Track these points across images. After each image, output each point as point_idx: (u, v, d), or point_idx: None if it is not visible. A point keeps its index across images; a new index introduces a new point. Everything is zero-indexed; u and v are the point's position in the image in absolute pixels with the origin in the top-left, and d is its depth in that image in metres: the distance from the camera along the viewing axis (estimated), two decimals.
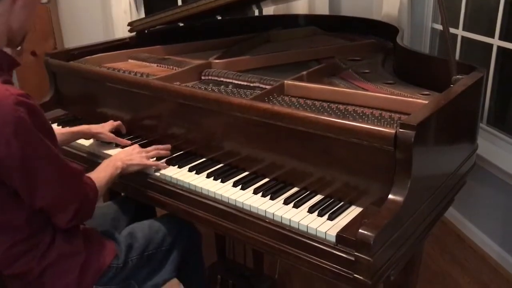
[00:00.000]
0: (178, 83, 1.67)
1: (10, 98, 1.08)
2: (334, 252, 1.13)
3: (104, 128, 1.68)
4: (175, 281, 1.55)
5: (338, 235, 1.14)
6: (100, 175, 1.38)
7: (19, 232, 1.23)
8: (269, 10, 3.09)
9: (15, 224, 1.22)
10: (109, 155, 1.59)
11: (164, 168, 1.51)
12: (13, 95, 1.08)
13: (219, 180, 1.42)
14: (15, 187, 1.17)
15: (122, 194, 2.00)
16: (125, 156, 1.49)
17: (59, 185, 1.20)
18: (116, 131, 1.72)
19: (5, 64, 1.21)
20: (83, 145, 1.72)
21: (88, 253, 1.32)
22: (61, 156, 1.21)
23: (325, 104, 1.51)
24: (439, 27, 2.76)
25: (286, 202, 1.29)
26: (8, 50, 1.23)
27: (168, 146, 1.59)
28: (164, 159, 1.55)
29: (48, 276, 1.27)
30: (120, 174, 1.45)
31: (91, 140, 1.72)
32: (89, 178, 1.32)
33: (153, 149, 1.55)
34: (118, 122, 1.73)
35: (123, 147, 1.65)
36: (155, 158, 1.55)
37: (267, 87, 1.63)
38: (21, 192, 1.18)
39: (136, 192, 1.57)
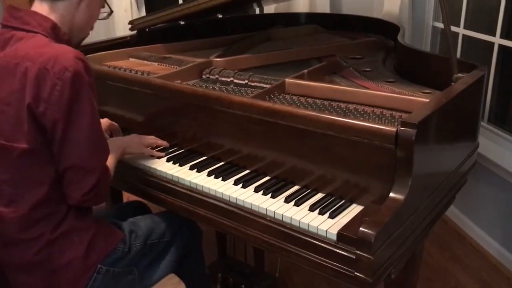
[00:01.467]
0: (179, 81, 1.67)
1: (72, 52, 1.22)
2: (335, 250, 1.14)
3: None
4: (176, 279, 1.56)
5: (339, 233, 1.14)
6: (109, 160, 1.41)
7: (41, 192, 1.26)
8: (270, 8, 3.09)
9: (38, 180, 1.26)
10: None
11: (159, 156, 1.57)
12: (76, 52, 1.23)
13: (220, 178, 1.43)
14: (53, 136, 1.21)
15: (124, 201, 2.02)
16: (125, 138, 1.59)
17: (90, 147, 1.25)
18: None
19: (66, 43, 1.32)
20: None
21: (97, 231, 1.36)
22: (100, 123, 1.30)
23: (326, 102, 1.51)
24: (440, 25, 2.76)
25: (287, 200, 1.30)
26: None
27: (166, 143, 1.62)
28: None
29: (56, 247, 1.30)
30: (121, 156, 1.51)
31: None
32: None
33: (152, 138, 1.61)
34: (113, 125, 1.73)
35: None
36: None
37: (268, 85, 1.63)
38: (54, 142, 1.22)
39: (137, 190, 1.57)
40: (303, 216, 1.22)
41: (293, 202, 1.29)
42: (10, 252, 1.32)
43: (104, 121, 1.67)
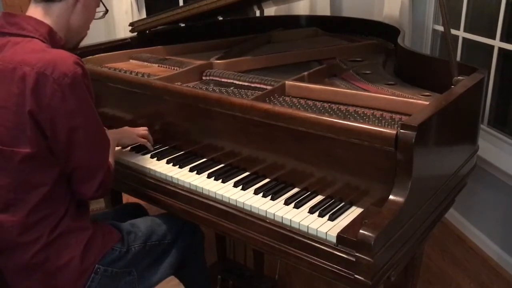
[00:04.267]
0: (179, 83, 1.68)
1: (71, 58, 1.21)
2: (335, 252, 1.14)
3: None
4: (175, 281, 1.56)
5: (339, 236, 1.14)
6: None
7: (39, 196, 1.26)
8: (270, 10, 3.09)
9: (37, 185, 1.25)
10: None
11: (150, 148, 1.62)
12: (74, 56, 1.23)
13: (220, 180, 1.43)
14: (55, 141, 1.22)
15: (124, 202, 2.02)
16: (118, 130, 1.60)
17: (95, 147, 1.29)
18: None
19: (61, 48, 1.31)
20: None
21: (94, 231, 1.36)
22: (100, 121, 1.31)
23: (326, 105, 1.51)
24: (440, 28, 2.76)
25: (287, 202, 1.30)
26: None
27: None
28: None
29: (53, 249, 1.30)
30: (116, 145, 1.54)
31: None
32: None
33: (145, 129, 1.64)
34: None
35: None
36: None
37: (268, 87, 1.63)
38: (59, 149, 1.24)
39: (137, 192, 1.57)
40: (302, 218, 1.22)
41: (292, 204, 1.28)
42: (7, 257, 1.32)
43: None
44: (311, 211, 1.25)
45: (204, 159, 1.56)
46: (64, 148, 1.24)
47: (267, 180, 1.42)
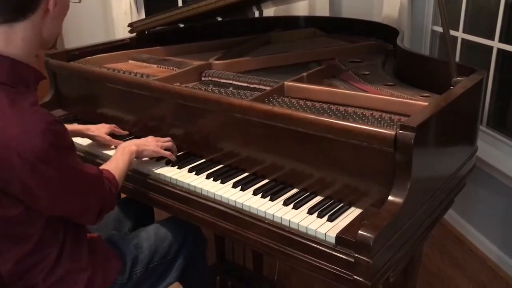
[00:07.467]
0: (178, 83, 1.67)
1: (40, 125, 1.04)
2: (334, 253, 1.13)
3: (101, 131, 1.68)
4: (175, 284, 1.55)
5: (338, 237, 1.14)
6: (118, 164, 1.40)
7: (28, 245, 1.18)
8: (269, 11, 3.09)
9: (26, 236, 1.17)
10: (109, 155, 1.60)
11: (174, 160, 1.54)
12: (42, 121, 1.05)
13: (219, 181, 1.42)
14: (36, 204, 1.13)
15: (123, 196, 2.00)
16: (140, 141, 1.52)
17: (83, 195, 1.20)
18: (112, 134, 1.72)
19: (32, 79, 1.17)
20: (81, 145, 1.72)
21: (94, 269, 1.29)
22: (80, 167, 1.18)
23: (325, 106, 1.51)
24: (439, 29, 2.76)
25: (286, 203, 1.29)
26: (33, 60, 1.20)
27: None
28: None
29: None
30: (135, 157, 1.48)
31: (88, 140, 1.72)
32: (108, 171, 1.32)
33: (168, 140, 1.57)
34: (114, 126, 1.74)
35: None
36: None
37: (267, 88, 1.63)
38: (44, 209, 1.15)
39: (136, 193, 1.57)
40: (301, 219, 1.22)
41: (291, 205, 1.28)
42: None
43: (107, 126, 1.68)
44: (310, 211, 1.25)
45: (203, 160, 1.56)
46: (47, 206, 1.14)
47: (266, 180, 1.42)
